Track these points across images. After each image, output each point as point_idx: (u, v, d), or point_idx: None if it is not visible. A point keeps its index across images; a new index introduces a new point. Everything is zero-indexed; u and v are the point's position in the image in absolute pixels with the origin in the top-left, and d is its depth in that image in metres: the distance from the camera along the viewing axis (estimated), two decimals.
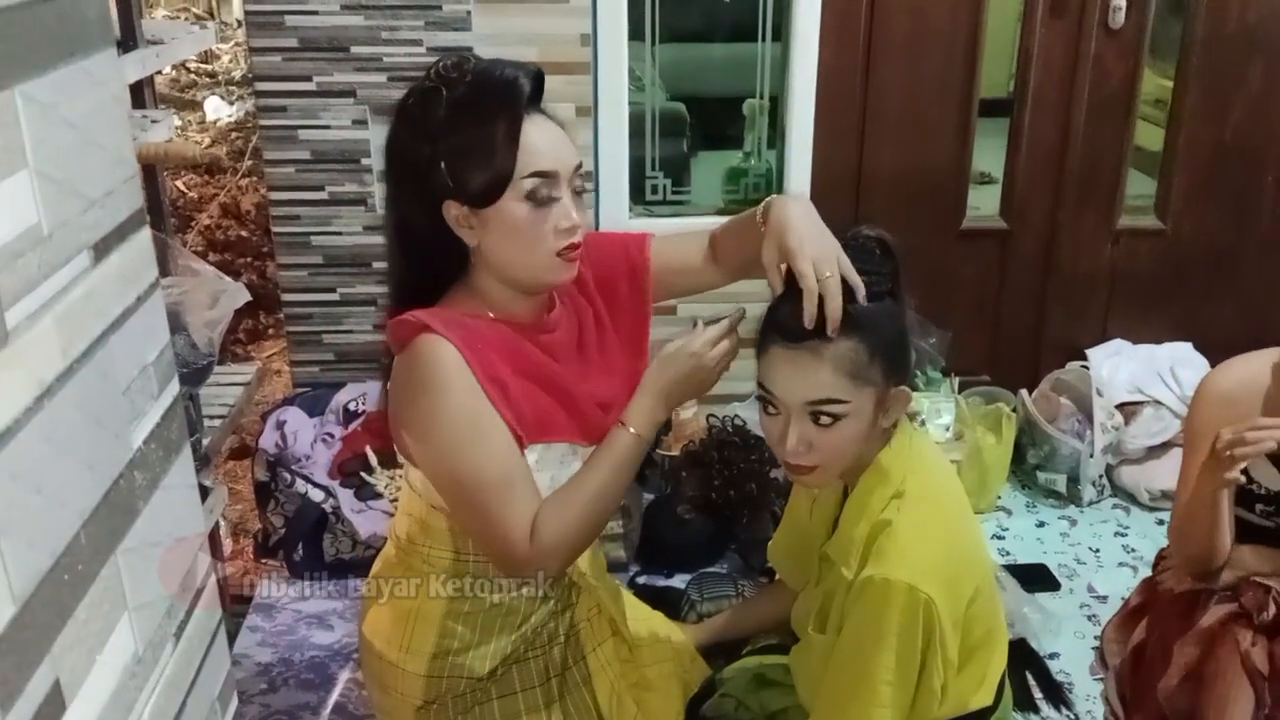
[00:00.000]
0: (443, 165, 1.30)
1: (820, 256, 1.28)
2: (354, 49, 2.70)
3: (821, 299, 1.26)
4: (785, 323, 1.30)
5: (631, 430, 1.40)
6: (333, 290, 2.90)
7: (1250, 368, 1.76)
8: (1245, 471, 1.64)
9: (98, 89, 0.83)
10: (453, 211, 1.34)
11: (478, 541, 1.41)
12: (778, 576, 1.77)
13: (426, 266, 1.41)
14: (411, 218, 1.37)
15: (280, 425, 2.66)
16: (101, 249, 0.82)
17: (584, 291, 1.52)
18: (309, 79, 2.72)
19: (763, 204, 1.40)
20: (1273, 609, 1.75)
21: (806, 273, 1.27)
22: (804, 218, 1.33)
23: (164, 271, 2.15)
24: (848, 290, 1.28)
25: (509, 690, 1.49)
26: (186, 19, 4.82)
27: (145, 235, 0.90)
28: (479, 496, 1.34)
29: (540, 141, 1.31)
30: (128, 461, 0.85)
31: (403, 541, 1.52)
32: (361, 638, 1.55)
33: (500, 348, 1.36)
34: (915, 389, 1.47)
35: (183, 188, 4.45)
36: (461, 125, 1.30)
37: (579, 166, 1.36)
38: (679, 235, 1.60)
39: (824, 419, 1.30)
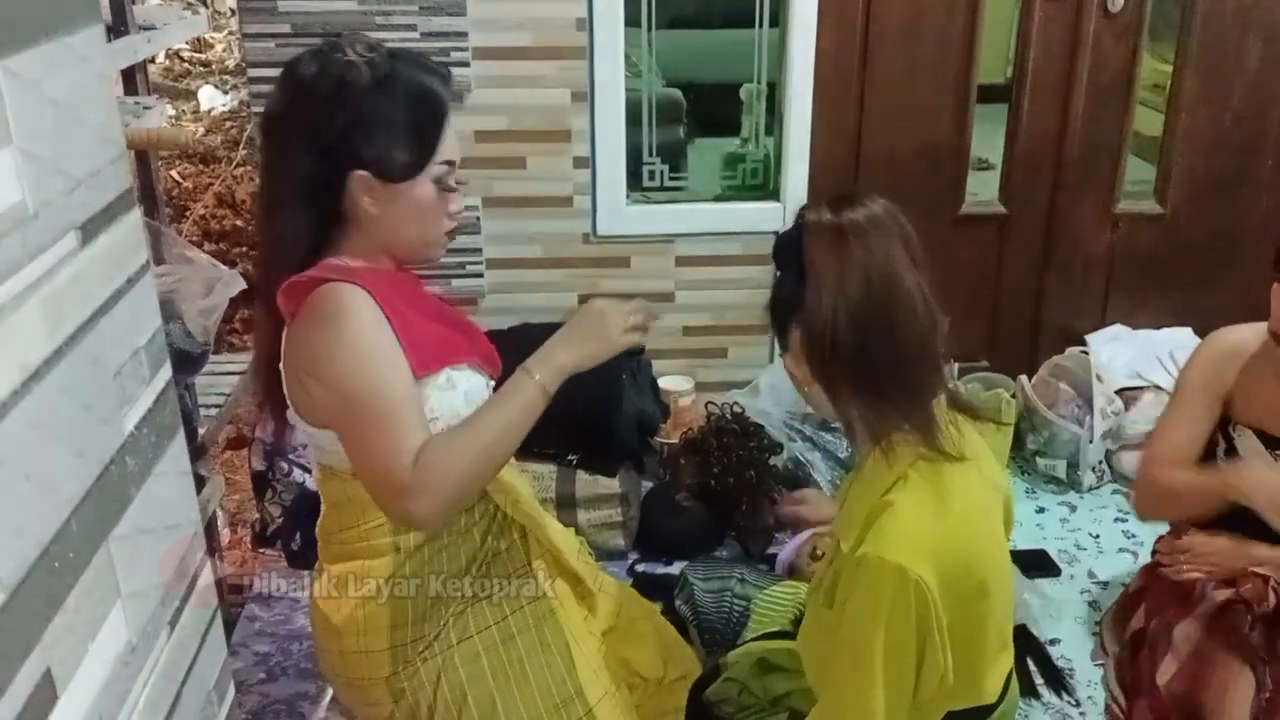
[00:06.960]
0: (359, 136, 1.35)
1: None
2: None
3: None
4: None
5: (535, 376, 1.41)
6: None
7: (1244, 335, 1.92)
8: None
9: (83, 66, 0.81)
10: (358, 182, 1.38)
11: (362, 470, 1.38)
12: None
13: (307, 228, 1.42)
14: (300, 177, 1.39)
15: None
16: (89, 230, 0.80)
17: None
18: None
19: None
20: (1273, 599, 1.76)
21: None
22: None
23: (158, 260, 2.13)
24: None
25: (465, 634, 1.53)
26: (179, 5, 4.79)
27: (135, 217, 0.88)
28: (369, 418, 1.33)
29: (452, 133, 1.43)
30: (119, 447, 0.84)
31: (334, 533, 1.52)
32: (317, 643, 1.56)
33: (395, 286, 1.43)
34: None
35: (178, 177, 4.42)
36: (390, 102, 1.36)
37: None
38: None
39: None
